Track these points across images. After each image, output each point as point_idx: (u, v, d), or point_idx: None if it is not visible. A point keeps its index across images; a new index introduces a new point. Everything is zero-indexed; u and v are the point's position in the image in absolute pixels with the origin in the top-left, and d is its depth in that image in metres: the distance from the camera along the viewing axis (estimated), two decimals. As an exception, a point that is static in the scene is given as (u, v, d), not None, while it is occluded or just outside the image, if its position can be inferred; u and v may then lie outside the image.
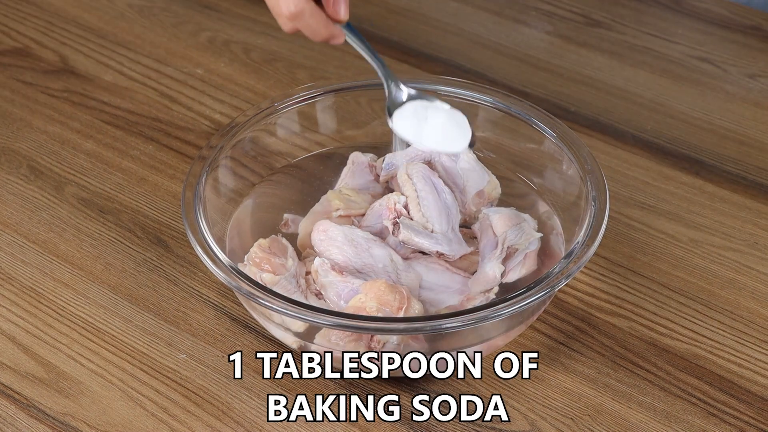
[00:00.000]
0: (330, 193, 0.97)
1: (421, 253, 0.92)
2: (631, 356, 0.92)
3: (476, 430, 0.86)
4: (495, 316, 0.81)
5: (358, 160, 0.99)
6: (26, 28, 1.28)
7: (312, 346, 0.86)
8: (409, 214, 0.93)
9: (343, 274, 0.88)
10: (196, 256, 0.93)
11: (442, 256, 0.92)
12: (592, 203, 0.90)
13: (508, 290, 0.88)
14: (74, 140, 1.12)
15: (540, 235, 0.93)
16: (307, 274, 0.90)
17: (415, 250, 0.93)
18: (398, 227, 0.92)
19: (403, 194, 0.94)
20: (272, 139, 1.01)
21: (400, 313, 0.85)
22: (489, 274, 0.90)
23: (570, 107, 1.17)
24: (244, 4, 1.31)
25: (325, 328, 0.85)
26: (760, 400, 0.89)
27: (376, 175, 0.99)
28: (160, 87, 1.19)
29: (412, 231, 0.91)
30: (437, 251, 0.92)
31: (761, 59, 1.24)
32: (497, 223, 0.92)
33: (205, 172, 0.93)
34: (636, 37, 1.27)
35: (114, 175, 1.08)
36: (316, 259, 0.90)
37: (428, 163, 0.97)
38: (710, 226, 1.03)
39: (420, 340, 0.86)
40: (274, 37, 1.26)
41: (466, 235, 0.95)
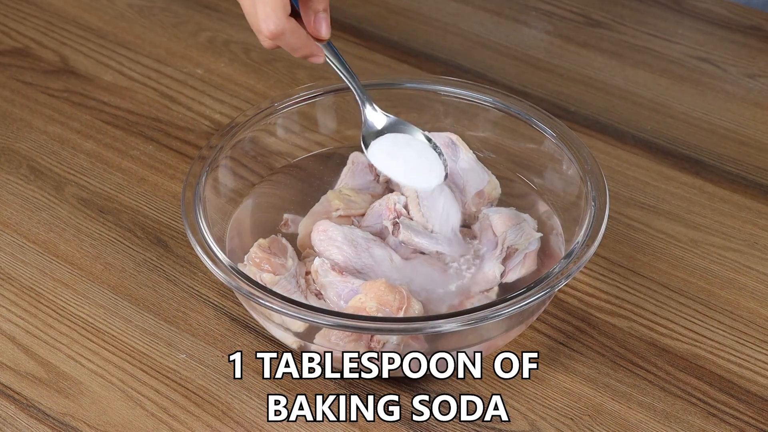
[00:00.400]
0: (330, 193, 0.97)
1: (421, 253, 0.92)
2: (631, 356, 0.92)
3: (476, 430, 0.86)
4: (495, 316, 0.81)
5: (358, 160, 0.99)
6: (26, 28, 1.28)
7: (312, 346, 0.86)
8: (409, 214, 0.93)
9: (343, 274, 0.88)
10: (196, 256, 0.93)
11: (442, 256, 0.92)
12: (592, 203, 0.90)
13: (508, 290, 0.88)
14: (74, 140, 1.12)
15: (540, 235, 0.93)
16: (307, 274, 0.90)
17: (415, 250, 0.93)
18: (398, 227, 0.92)
19: (403, 194, 0.94)
20: (272, 139, 1.01)
21: (400, 313, 0.85)
22: (489, 274, 0.90)
23: (570, 107, 1.17)
24: (244, 4, 1.31)
25: (325, 328, 0.85)
26: (760, 400, 0.89)
27: (376, 175, 0.99)
28: (160, 87, 1.19)
29: (412, 231, 0.91)
30: (437, 251, 0.92)
31: (761, 59, 1.24)
32: (497, 223, 0.92)
33: (205, 172, 0.93)
34: (636, 37, 1.27)
35: (114, 175, 1.08)
36: (316, 259, 0.90)
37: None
38: (710, 226, 1.03)
39: (420, 340, 0.86)
40: (274, 37, 1.26)
41: (466, 235, 0.95)
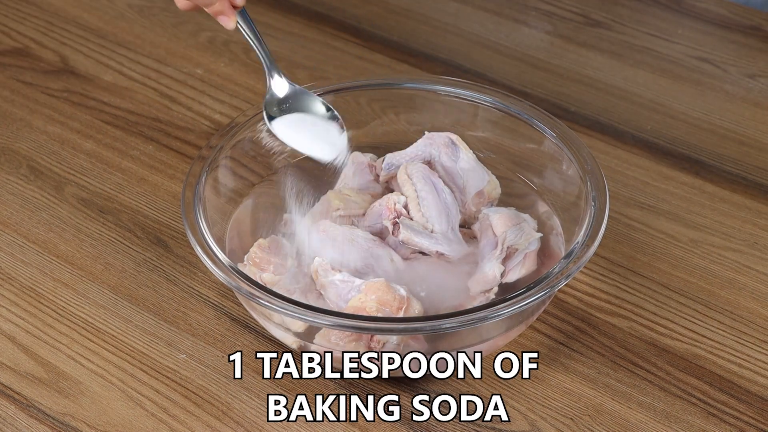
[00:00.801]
0: (330, 193, 0.97)
1: (421, 253, 0.92)
2: (631, 356, 0.92)
3: (476, 430, 0.86)
4: (495, 316, 0.81)
5: (358, 160, 0.99)
6: (26, 28, 1.28)
7: (312, 346, 0.86)
8: (409, 214, 0.93)
9: (343, 274, 0.88)
10: (196, 256, 0.93)
11: (442, 256, 0.92)
12: (592, 203, 0.90)
13: (508, 290, 0.88)
14: (74, 140, 1.12)
15: (540, 235, 0.92)
16: (307, 274, 0.90)
17: (415, 250, 0.93)
18: (398, 227, 0.92)
19: (403, 194, 0.94)
20: (272, 139, 1.01)
21: (400, 313, 0.85)
22: (489, 274, 0.90)
23: (570, 107, 1.17)
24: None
25: (325, 328, 0.85)
26: (760, 400, 0.89)
27: (376, 175, 0.99)
28: (160, 87, 1.19)
29: (412, 231, 0.91)
30: (437, 251, 0.92)
31: (761, 59, 1.24)
32: (497, 223, 0.92)
33: (205, 172, 0.93)
34: (636, 37, 1.27)
35: (114, 175, 1.08)
36: (316, 259, 0.90)
37: (428, 163, 0.97)
38: (710, 226, 1.03)
39: (420, 340, 0.86)
40: (274, 37, 1.26)
41: (466, 235, 0.94)
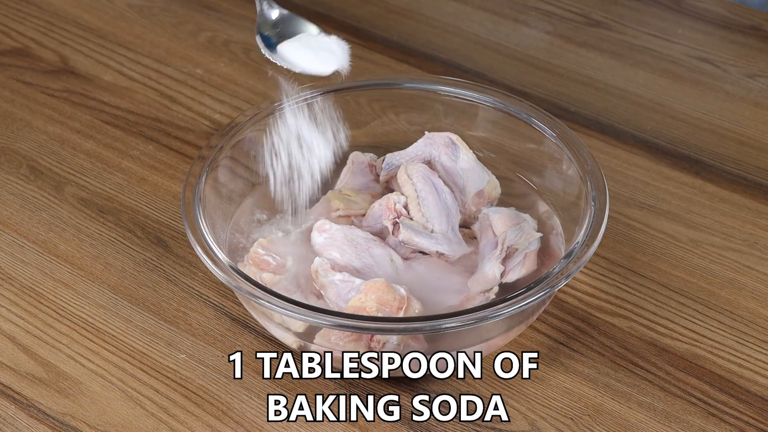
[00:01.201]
0: (330, 193, 0.97)
1: (421, 253, 0.92)
2: (631, 356, 0.92)
3: (476, 430, 0.86)
4: (495, 316, 0.81)
5: (358, 160, 0.99)
6: (26, 28, 1.28)
7: (312, 346, 0.86)
8: (409, 214, 0.93)
9: (343, 274, 0.88)
10: (196, 256, 0.93)
11: (442, 256, 0.92)
12: (592, 203, 0.90)
13: (508, 290, 0.88)
14: (74, 140, 1.12)
15: (540, 235, 0.92)
16: (307, 273, 0.90)
17: (415, 250, 0.93)
18: (398, 227, 0.92)
19: (403, 194, 0.94)
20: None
21: (400, 313, 0.85)
22: (489, 274, 0.90)
23: (570, 107, 1.17)
24: (244, 4, 1.31)
25: (325, 328, 0.85)
26: (760, 400, 0.89)
27: (376, 175, 0.99)
28: (160, 87, 1.19)
29: (412, 231, 0.91)
30: (437, 251, 0.92)
31: (761, 59, 1.24)
32: (497, 223, 0.92)
33: (205, 172, 0.93)
34: (636, 37, 1.27)
35: (114, 175, 1.08)
36: (316, 259, 0.90)
37: (428, 163, 0.97)
38: (710, 226, 1.03)
39: (420, 340, 0.86)
40: (274, 37, 1.26)
41: (466, 235, 0.94)
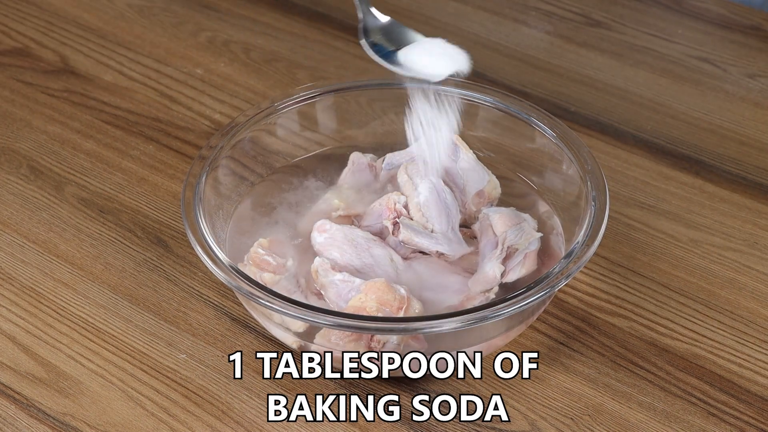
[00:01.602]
0: (330, 193, 0.97)
1: (421, 253, 0.92)
2: (631, 356, 0.92)
3: (476, 430, 0.86)
4: (495, 316, 0.81)
5: (358, 160, 0.99)
6: (26, 28, 1.28)
7: (312, 346, 0.86)
8: (409, 214, 0.93)
9: (343, 274, 0.88)
10: (196, 256, 0.93)
11: (442, 256, 0.92)
12: (592, 203, 0.90)
13: (508, 290, 0.88)
14: (74, 140, 1.12)
15: (540, 235, 0.92)
16: (307, 273, 0.90)
17: (415, 250, 0.92)
18: (398, 227, 0.92)
19: (403, 194, 0.94)
20: (272, 139, 1.01)
21: (400, 313, 0.85)
22: (489, 274, 0.90)
23: (570, 107, 1.17)
24: (244, 4, 1.31)
25: (325, 328, 0.85)
26: (760, 400, 0.89)
27: (376, 175, 0.99)
28: (160, 87, 1.19)
29: (412, 231, 0.91)
30: (437, 251, 0.92)
31: (761, 59, 1.24)
32: (497, 223, 0.92)
33: (205, 172, 0.93)
34: (636, 37, 1.27)
35: (114, 175, 1.08)
36: (316, 259, 0.90)
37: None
38: (710, 226, 1.03)
39: (420, 340, 0.86)
40: (274, 37, 1.26)
41: (466, 235, 0.94)
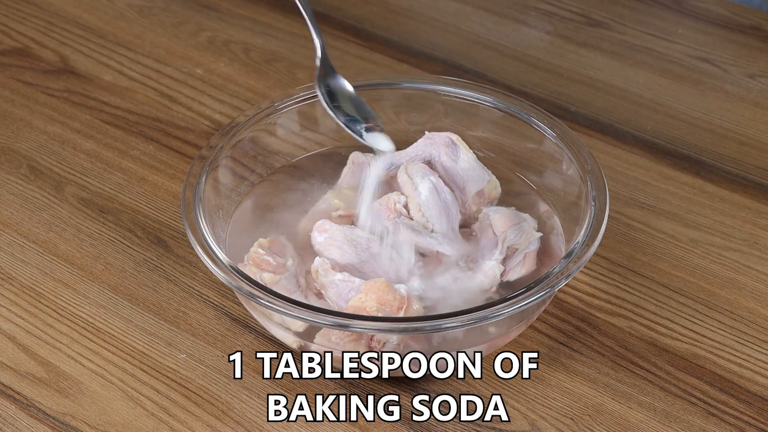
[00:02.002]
0: (330, 193, 0.97)
1: (421, 253, 0.92)
2: (631, 356, 0.92)
3: (476, 430, 0.86)
4: (495, 316, 0.81)
5: (358, 160, 0.99)
6: (26, 28, 1.28)
7: (312, 346, 0.86)
8: (409, 214, 0.93)
9: (343, 274, 0.88)
10: (196, 256, 0.93)
11: (442, 256, 0.92)
12: (592, 203, 0.90)
13: (508, 290, 0.88)
14: (74, 140, 1.12)
15: (540, 235, 0.92)
16: (307, 273, 0.90)
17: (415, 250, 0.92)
18: (398, 227, 0.92)
19: (403, 194, 0.94)
20: (272, 139, 1.01)
21: (400, 313, 0.85)
22: (489, 274, 0.90)
23: (570, 107, 1.17)
24: (244, 4, 1.31)
25: (325, 328, 0.85)
26: (760, 400, 0.89)
27: (376, 175, 0.99)
28: (160, 87, 1.19)
29: (412, 231, 0.91)
30: (437, 251, 0.92)
31: (761, 59, 1.24)
32: (497, 223, 0.92)
33: (205, 172, 0.93)
34: (636, 37, 1.27)
35: (114, 175, 1.08)
36: (316, 259, 0.90)
37: (428, 163, 0.97)
38: (710, 226, 1.03)
39: (420, 340, 0.86)
40: (274, 37, 1.26)
41: (466, 235, 0.94)
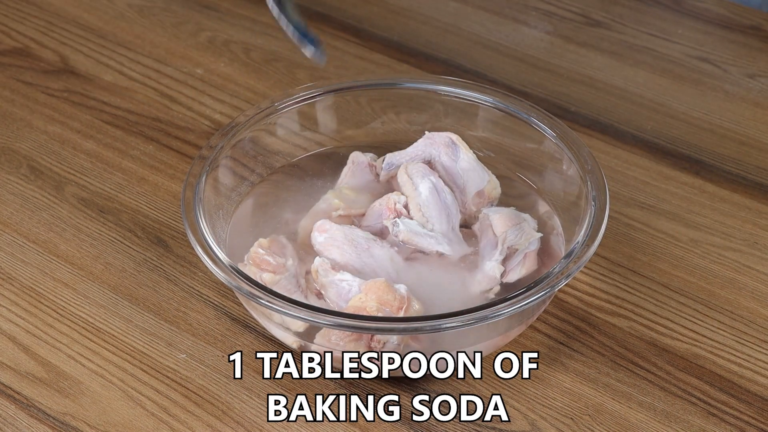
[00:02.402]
0: (330, 193, 0.97)
1: (421, 253, 0.92)
2: (631, 356, 0.92)
3: (476, 430, 0.86)
4: (495, 316, 0.81)
5: (358, 159, 0.99)
6: (26, 28, 1.28)
7: (312, 346, 0.86)
8: (409, 214, 0.93)
9: (343, 274, 0.88)
10: (196, 256, 0.93)
11: (442, 256, 0.92)
12: (592, 203, 0.90)
13: (508, 290, 0.88)
14: (74, 140, 1.12)
15: (540, 235, 0.92)
16: (307, 273, 0.90)
17: (415, 250, 0.93)
18: (398, 227, 0.92)
19: (403, 194, 0.94)
20: (272, 139, 1.01)
21: (400, 313, 0.85)
22: (489, 274, 0.90)
23: (570, 107, 1.17)
24: (244, 4, 1.31)
25: (325, 328, 0.85)
26: (760, 400, 0.89)
27: (376, 175, 0.99)
28: (160, 87, 1.19)
29: (412, 231, 0.91)
30: (437, 251, 0.92)
31: (761, 59, 1.24)
32: (497, 223, 0.92)
33: (205, 172, 0.93)
34: (636, 37, 1.27)
35: (114, 175, 1.08)
36: (316, 259, 0.90)
37: (428, 163, 0.97)
38: (710, 226, 1.03)
39: (420, 340, 0.86)
40: (274, 37, 1.26)
41: (466, 235, 0.94)
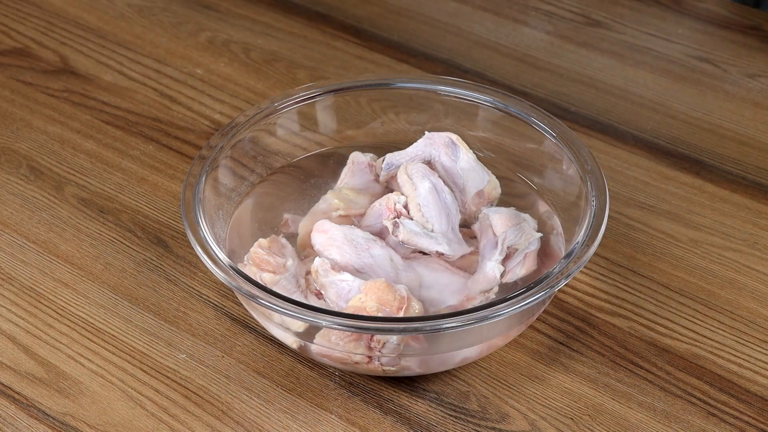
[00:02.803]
0: (330, 193, 0.97)
1: (421, 253, 0.92)
2: (631, 356, 0.92)
3: (476, 430, 0.86)
4: (495, 316, 0.81)
5: (358, 160, 0.99)
6: (26, 28, 1.28)
7: (312, 346, 0.86)
8: (409, 214, 0.93)
9: (343, 274, 0.88)
10: (196, 256, 0.93)
11: (442, 256, 0.92)
12: (592, 203, 0.90)
13: (508, 290, 0.88)
14: (74, 140, 1.12)
15: (540, 235, 0.92)
16: (307, 274, 0.90)
17: (415, 250, 0.93)
18: (398, 227, 0.92)
19: (403, 194, 0.94)
20: (272, 139, 1.01)
21: (400, 313, 0.85)
22: (489, 274, 0.90)
23: (570, 107, 1.17)
24: (244, 4, 1.32)
25: (325, 328, 0.85)
26: (760, 400, 0.89)
27: (376, 175, 0.99)
28: (160, 87, 1.19)
29: (412, 231, 0.91)
30: (437, 251, 0.92)
31: (761, 59, 1.24)
32: (497, 223, 0.92)
33: (205, 172, 0.93)
34: (636, 37, 1.27)
35: (114, 175, 1.08)
36: (316, 259, 0.90)
37: (428, 163, 0.97)
38: (710, 226, 1.03)
39: (420, 340, 0.86)
40: (274, 37, 1.26)
41: (466, 235, 0.95)
